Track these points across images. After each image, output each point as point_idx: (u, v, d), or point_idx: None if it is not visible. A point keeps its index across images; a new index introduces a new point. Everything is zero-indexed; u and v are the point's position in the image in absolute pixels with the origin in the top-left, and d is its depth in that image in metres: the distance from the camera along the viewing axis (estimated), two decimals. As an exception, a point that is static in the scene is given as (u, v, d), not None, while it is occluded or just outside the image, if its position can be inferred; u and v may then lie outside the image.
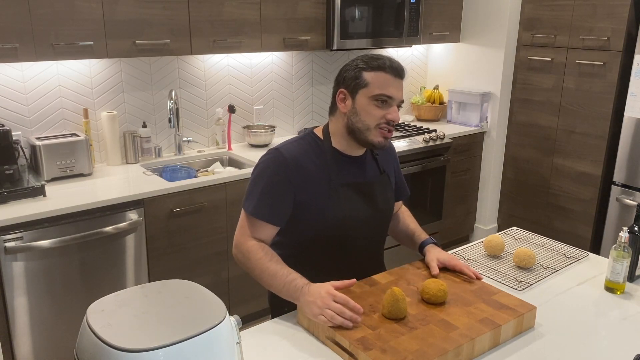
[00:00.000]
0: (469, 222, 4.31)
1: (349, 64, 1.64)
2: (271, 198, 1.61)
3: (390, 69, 1.59)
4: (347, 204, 1.66)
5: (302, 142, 1.68)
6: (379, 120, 1.60)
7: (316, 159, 1.65)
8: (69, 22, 2.49)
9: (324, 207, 1.63)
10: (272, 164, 1.63)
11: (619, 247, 1.69)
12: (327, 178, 1.64)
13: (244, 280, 3.00)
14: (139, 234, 2.61)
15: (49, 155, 2.62)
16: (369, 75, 1.59)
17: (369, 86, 1.59)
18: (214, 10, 2.88)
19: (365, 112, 1.60)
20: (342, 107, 1.64)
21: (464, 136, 3.99)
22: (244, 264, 1.64)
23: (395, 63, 1.61)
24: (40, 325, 2.43)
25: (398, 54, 4.23)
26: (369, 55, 1.62)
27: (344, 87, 1.63)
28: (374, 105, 1.59)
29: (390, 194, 1.80)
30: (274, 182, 1.61)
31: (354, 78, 1.61)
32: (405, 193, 1.94)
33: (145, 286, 1.16)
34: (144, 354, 0.95)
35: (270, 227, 1.64)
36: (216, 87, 3.36)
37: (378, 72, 1.58)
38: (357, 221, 1.68)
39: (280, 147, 1.65)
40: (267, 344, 1.45)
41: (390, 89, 1.59)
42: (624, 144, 3.44)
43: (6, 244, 2.25)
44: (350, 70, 1.62)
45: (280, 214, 1.63)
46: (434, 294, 1.51)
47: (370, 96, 1.59)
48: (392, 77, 1.59)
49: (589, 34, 3.53)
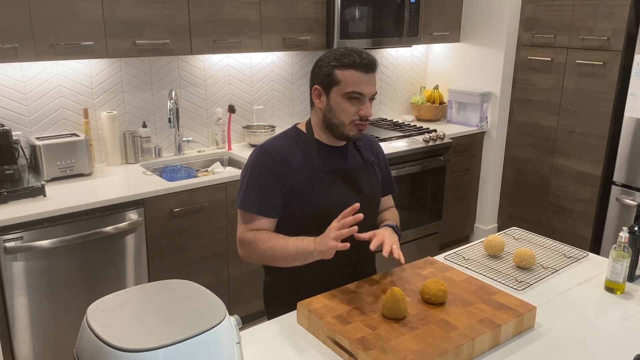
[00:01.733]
0: (469, 222, 4.31)
1: (322, 58, 1.67)
2: (260, 191, 1.66)
3: (361, 66, 1.60)
4: (332, 189, 1.69)
5: (285, 136, 1.75)
6: (352, 116, 1.64)
7: (299, 150, 1.70)
8: (69, 22, 2.49)
9: (310, 193, 1.67)
10: (257, 159, 1.69)
11: (619, 247, 1.69)
12: (310, 167, 1.69)
13: (244, 280, 3.00)
14: (139, 234, 2.61)
15: (49, 155, 2.62)
16: (341, 73, 1.61)
17: (341, 84, 1.62)
18: (214, 10, 2.88)
19: (339, 109, 1.64)
20: (317, 102, 1.69)
21: (464, 136, 3.99)
22: (252, 255, 1.68)
23: (366, 58, 1.62)
24: (40, 325, 2.43)
25: (398, 54, 4.23)
26: (340, 51, 1.63)
27: (318, 84, 1.67)
28: (347, 102, 1.63)
29: (377, 183, 1.82)
30: (260, 176, 1.67)
31: (326, 75, 1.63)
32: (391, 189, 1.94)
33: (145, 286, 1.16)
34: (144, 354, 0.95)
35: (265, 220, 1.67)
36: (216, 87, 3.36)
37: (349, 69, 1.60)
38: (343, 206, 1.69)
39: (264, 143, 1.72)
40: (267, 344, 1.45)
41: (362, 86, 1.62)
42: (624, 144, 3.45)
43: (6, 244, 2.25)
44: (323, 67, 1.64)
45: (271, 205, 1.67)
46: (434, 294, 1.51)
47: (343, 94, 1.62)
48: (363, 74, 1.61)
49: (589, 34, 3.53)
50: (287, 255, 1.60)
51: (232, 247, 2.92)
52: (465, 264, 1.90)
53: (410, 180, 3.64)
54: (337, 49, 1.66)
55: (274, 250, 1.61)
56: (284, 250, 1.60)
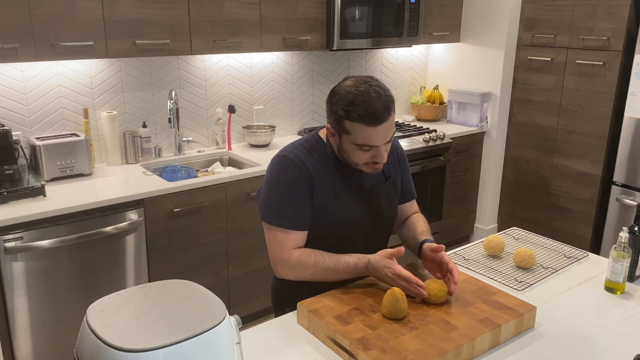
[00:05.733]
0: (469, 222, 4.31)
1: (333, 99, 1.56)
2: (290, 204, 1.61)
3: (369, 119, 1.49)
4: (350, 208, 1.67)
5: (307, 145, 1.67)
6: (365, 160, 1.59)
7: (321, 163, 1.64)
8: (69, 22, 2.49)
9: (330, 210, 1.64)
10: (283, 170, 1.62)
11: (619, 247, 1.69)
12: (331, 182, 1.64)
13: (244, 280, 3.00)
14: (139, 234, 2.61)
15: (49, 155, 2.62)
16: (350, 125, 1.52)
17: (351, 135, 1.54)
18: (214, 10, 2.88)
19: (351, 153, 1.59)
20: (332, 140, 1.63)
21: (464, 136, 3.99)
22: (298, 275, 1.63)
23: (375, 106, 1.49)
24: (40, 325, 2.43)
25: (398, 54, 4.23)
26: (349, 98, 1.51)
27: (330, 123, 1.59)
28: (359, 150, 1.56)
29: (395, 200, 1.80)
30: (289, 188, 1.60)
31: (337, 121, 1.55)
32: (410, 196, 1.89)
33: (145, 286, 1.16)
34: (144, 354, 0.95)
35: (299, 234, 1.63)
36: (216, 87, 3.35)
37: (357, 123, 1.50)
38: (360, 225, 1.70)
39: (287, 152, 1.64)
40: (267, 344, 1.45)
41: (373, 140, 1.53)
42: (624, 144, 3.45)
43: (6, 244, 2.25)
44: (334, 110, 1.55)
45: (303, 218, 1.62)
46: (434, 294, 1.51)
47: (353, 143, 1.55)
48: (373, 128, 1.50)
49: (589, 34, 3.53)
50: (339, 278, 1.62)
51: (232, 247, 2.92)
52: (465, 264, 1.90)
53: (410, 180, 3.64)
54: (347, 89, 1.53)
55: (325, 276, 1.61)
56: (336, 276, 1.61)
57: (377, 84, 1.54)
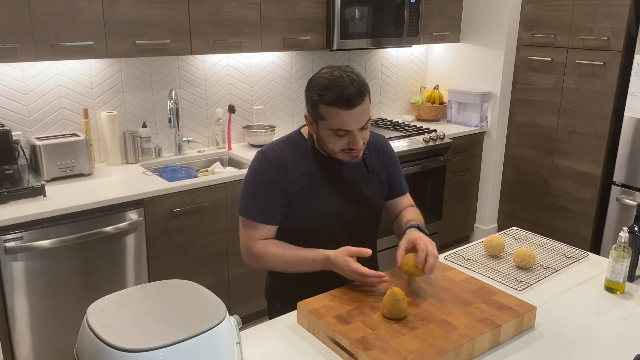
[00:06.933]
0: (469, 222, 4.31)
1: (309, 85, 1.60)
2: (261, 199, 1.66)
3: (342, 103, 1.52)
4: (329, 201, 1.68)
5: (288, 141, 1.72)
6: (342, 147, 1.61)
7: (299, 158, 1.68)
8: (69, 22, 2.49)
9: (307, 204, 1.66)
10: (258, 166, 1.68)
11: (619, 247, 1.69)
12: (309, 177, 1.67)
13: (244, 280, 3.00)
14: (139, 234, 2.61)
15: (49, 155, 2.62)
16: (325, 109, 1.55)
17: (326, 120, 1.56)
18: (214, 10, 2.88)
19: (328, 140, 1.61)
20: (310, 128, 1.66)
21: (464, 136, 3.99)
22: (260, 264, 1.69)
23: (348, 90, 1.51)
24: (40, 325, 2.43)
25: (398, 54, 4.23)
26: (324, 83, 1.55)
27: (307, 111, 1.63)
28: (334, 136, 1.59)
29: (380, 194, 1.80)
30: (261, 184, 1.66)
31: (312, 107, 1.59)
32: (401, 190, 1.88)
33: (145, 286, 1.16)
34: (144, 354, 0.95)
35: (267, 227, 1.68)
36: (216, 87, 3.36)
37: (331, 107, 1.53)
38: (341, 219, 1.71)
39: (265, 149, 1.70)
40: (267, 344, 1.45)
41: (347, 123, 1.55)
42: (624, 144, 3.44)
43: (6, 244, 2.25)
44: (310, 96, 1.59)
45: (273, 213, 1.67)
46: (411, 264, 1.55)
47: (328, 129, 1.58)
48: (346, 111, 1.53)
49: (589, 34, 3.53)
50: (298, 270, 1.65)
51: (232, 247, 2.92)
52: (465, 264, 1.90)
53: (410, 180, 3.61)
54: (323, 76, 1.56)
55: (284, 267, 1.66)
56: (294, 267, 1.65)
57: (351, 71, 1.58)
